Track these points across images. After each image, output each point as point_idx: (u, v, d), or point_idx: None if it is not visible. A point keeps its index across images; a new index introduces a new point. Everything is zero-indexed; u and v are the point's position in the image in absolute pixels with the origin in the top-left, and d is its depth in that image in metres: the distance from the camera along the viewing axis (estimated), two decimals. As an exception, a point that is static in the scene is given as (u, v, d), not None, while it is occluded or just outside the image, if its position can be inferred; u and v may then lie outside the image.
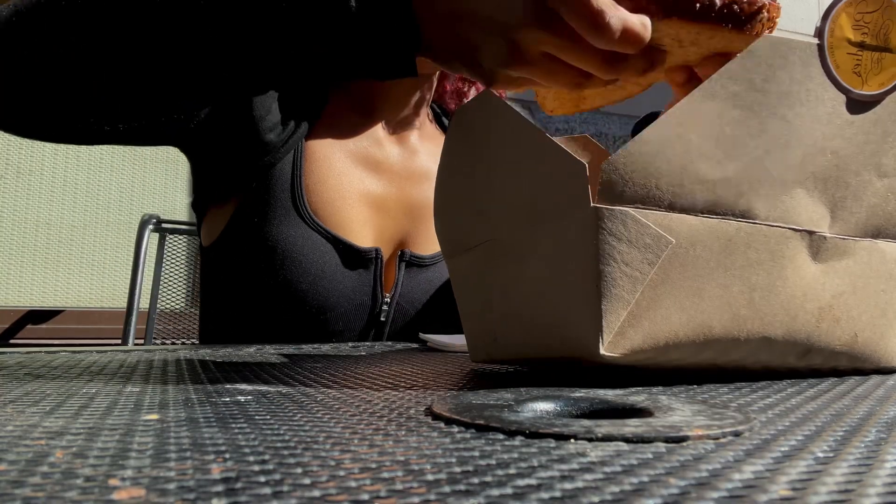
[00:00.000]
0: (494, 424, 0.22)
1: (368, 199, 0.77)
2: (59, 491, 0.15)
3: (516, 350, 0.39)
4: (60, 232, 1.74)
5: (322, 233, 0.72)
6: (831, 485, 0.16)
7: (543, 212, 0.35)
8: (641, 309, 0.32)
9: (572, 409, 0.27)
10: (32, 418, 0.24)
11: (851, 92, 0.34)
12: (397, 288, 0.76)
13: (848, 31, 0.34)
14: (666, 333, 0.33)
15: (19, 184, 1.87)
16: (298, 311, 0.71)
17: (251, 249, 0.71)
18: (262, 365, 0.45)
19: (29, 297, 1.79)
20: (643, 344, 0.32)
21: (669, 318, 0.33)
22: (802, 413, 0.27)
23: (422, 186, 0.81)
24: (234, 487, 0.15)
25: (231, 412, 0.26)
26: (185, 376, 0.38)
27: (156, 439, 0.21)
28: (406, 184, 0.80)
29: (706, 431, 0.22)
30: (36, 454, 0.19)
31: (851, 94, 0.34)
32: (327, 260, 0.71)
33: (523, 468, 0.17)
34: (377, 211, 0.77)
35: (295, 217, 0.71)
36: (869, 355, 0.39)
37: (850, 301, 0.37)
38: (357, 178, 0.77)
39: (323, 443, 0.20)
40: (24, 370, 0.40)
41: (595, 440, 0.21)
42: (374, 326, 0.75)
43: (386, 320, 0.75)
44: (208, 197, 0.78)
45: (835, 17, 0.34)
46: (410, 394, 0.31)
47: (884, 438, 0.22)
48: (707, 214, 0.33)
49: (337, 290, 0.71)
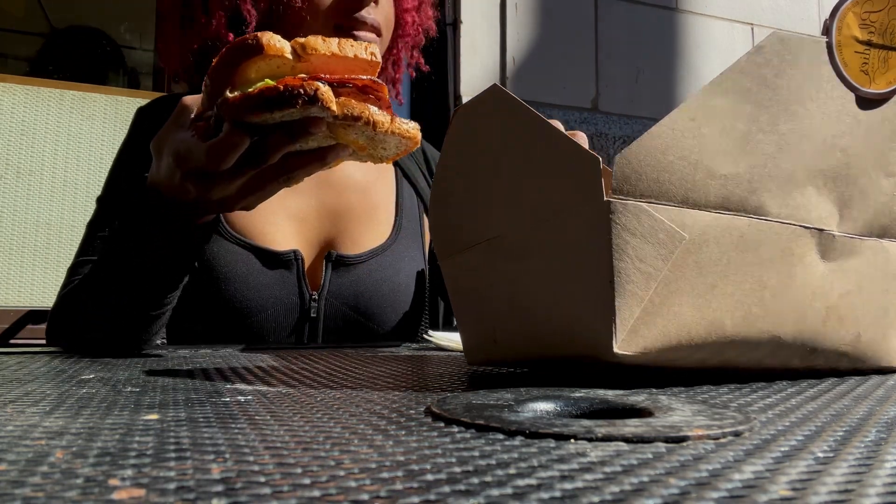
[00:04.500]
0: (494, 424, 0.22)
1: (288, 211, 0.83)
2: (59, 491, 0.15)
3: (519, 350, 0.39)
4: (60, 232, 1.74)
5: (241, 244, 0.79)
6: (831, 485, 0.16)
7: (554, 206, 0.34)
8: (655, 306, 0.31)
9: (572, 409, 0.27)
10: (32, 418, 0.24)
11: (859, 90, 0.34)
12: (325, 286, 0.81)
13: (855, 29, 0.34)
14: (679, 331, 0.32)
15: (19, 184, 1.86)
16: (233, 315, 0.77)
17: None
18: (261, 365, 0.45)
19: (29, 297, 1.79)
20: (657, 342, 0.32)
21: (682, 315, 0.32)
22: (802, 413, 0.27)
23: (344, 194, 0.87)
24: (234, 487, 0.15)
25: (231, 412, 0.26)
26: (185, 376, 0.38)
27: (156, 439, 0.21)
28: (326, 193, 0.86)
29: (706, 431, 0.21)
30: (36, 454, 0.19)
31: (859, 92, 0.34)
32: (249, 267, 0.78)
33: (523, 468, 0.17)
34: (299, 221, 0.84)
35: (214, 236, 0.78)
36: (870, 356, 0.39)
37: (855, 301, 0.36)
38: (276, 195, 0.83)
39: (323, 443, 0.20)
40: (24, 370, 0.40)
41: (595, 440, 0.21)
42: (307, 323, 0.80)
43: (318, 316, 0.80)
44: None
45: (842, 16, 0.34)
46: (410, 394, 0.31)
47: (884, 438, 0.22)
48: (719, 210, 0.32)
49: (263, 293, 0.78)
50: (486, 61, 2.80)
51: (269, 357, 0.51)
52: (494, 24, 2.82)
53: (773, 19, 3.17)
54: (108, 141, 1.70)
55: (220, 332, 0.78)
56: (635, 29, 2.84)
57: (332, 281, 0.81)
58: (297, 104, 0.45)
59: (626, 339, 0.31)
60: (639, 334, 0.31)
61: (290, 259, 0.80)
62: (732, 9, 3.07)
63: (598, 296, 0.32)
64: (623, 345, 0.31)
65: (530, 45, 2.82)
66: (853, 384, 0.36)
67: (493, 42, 2.82)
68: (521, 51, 2.82)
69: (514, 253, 0.38)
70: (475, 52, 2.39)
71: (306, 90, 0.45)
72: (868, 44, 0.34)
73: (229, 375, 0.39)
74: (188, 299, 0.78)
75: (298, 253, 0.80)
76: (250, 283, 0.77)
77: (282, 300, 0.79)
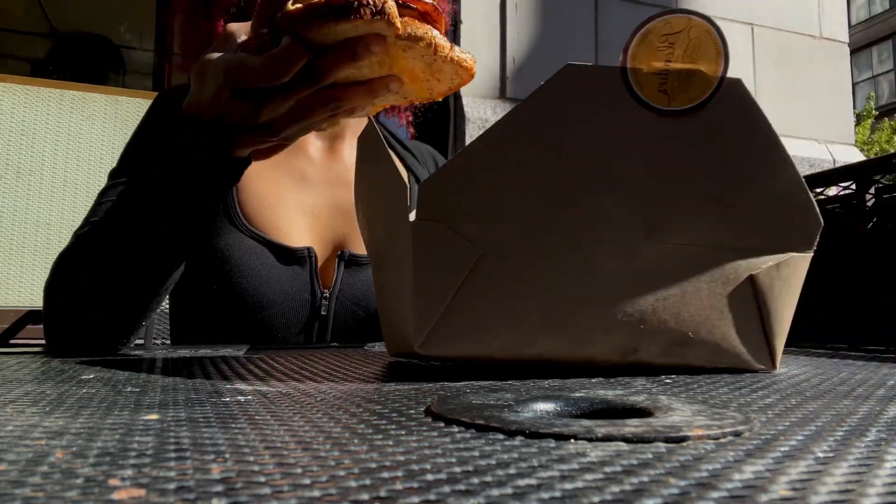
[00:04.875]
0: (494, 424, 0.22)
1: (301, 207, 0.84)
2: (59, 491, 0.15)
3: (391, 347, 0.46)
4: (60, 232, 1.74)
5: (256, 237, 0.78)
6: (831, 485, 0.16)
7: (392, 226, 0.40)
8: (453, 312, 0.36)
9: (572, 409, 0.27)
10: (32, 418, 0.24)
11: (659, 110, 0.36)
12: (336, 284, 0.81)
13: (653, 52, 0.36)
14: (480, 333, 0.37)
15: (19, 184, 1.87)
16: (244, 310, 0.76)
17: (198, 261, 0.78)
18: (261, 365, 0.45)
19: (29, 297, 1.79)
20: (456, 343, 0.37)
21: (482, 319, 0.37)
22: (802, 413, 0.27)
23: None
24: (234, 487, 0.15)
25: (231, 412, 0.26)
26: (185, 376, 0.38)
27: (156, 439, 0.21)
28: (338, 191, 0.87)
29: (706, 431, 0.22)
30: (36, 454, 0.19)
31: (659, 112, 0.36)
32: (263, 261, 0.78)
33: (523, 468, 0.17)
34: (312, 218, 0.84)
35: (228, 226, 0.78)
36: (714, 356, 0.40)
37: (677, 304, 0.38)
38: (289, 190, 0.84)
39: (323, 443, 0.20)
40: (24, 370, 0.40)
41: (595, 440, 0.21)
42: (317, 321, 0.80)
43: (328, 314, 0.80)
44: None
45: (639, 40, 0.36)
46: (410, 394, 0.31)
47: (884, 438, 0.22)
48: (520, 225, 0.36)
49: (275, 288, 0.77)
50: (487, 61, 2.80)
51: (269, 357, 0.52)
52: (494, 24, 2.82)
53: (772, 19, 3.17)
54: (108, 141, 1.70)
55: (229, 326, 0.77)
56: (635, 29, 2.84)
57: (343, 280, 0.81)
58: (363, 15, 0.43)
59: (427, 339, 0.37)
60: (440, 335, 0.36)
61: (304, 256, 0.79)
62: (732, 9, 3.07)
63: (409, 303, 0.37)
64: (424, 345, 0.37)
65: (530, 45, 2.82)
66: (853, 384, 0.36)
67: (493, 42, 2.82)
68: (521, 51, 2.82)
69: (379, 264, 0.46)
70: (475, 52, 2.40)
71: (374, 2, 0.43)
72: (667, 64, 0.36)
73: (229, 375, 0.39)
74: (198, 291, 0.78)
75: (312, 250, 0.80)
76: (263, 277, 0.77)
77: (293, 296, 0.78)
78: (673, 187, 0.37)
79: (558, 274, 0.37)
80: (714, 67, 0.35)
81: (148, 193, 0.58)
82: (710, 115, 0.36)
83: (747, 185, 0.37)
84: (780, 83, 3.14)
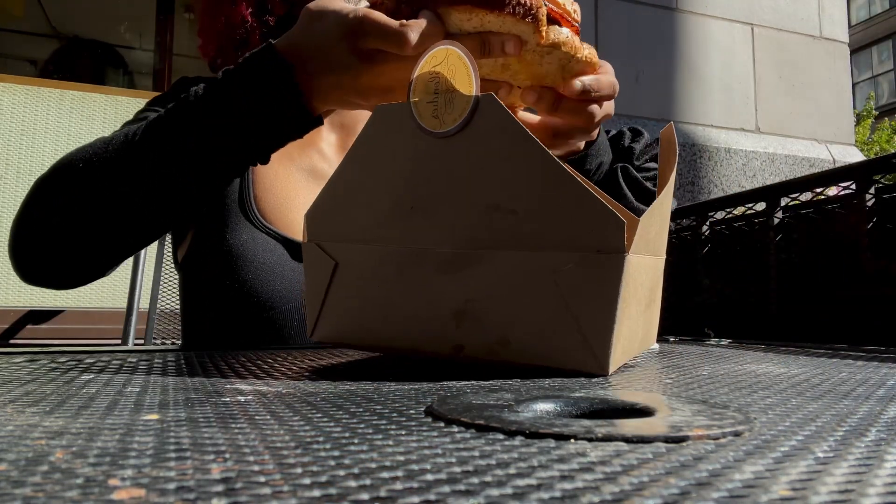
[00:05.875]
0: (494, 424, 0.22)
1: None
2: (59, 491, 0.15)
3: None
4: (60, 232, 1.73)
5: (270, 233, 0.78)
6: (831, 485, 0.16)
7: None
8: (328, 310, 0.46)
9: (572, 409, 0.27)
10: (32, 418, 0.24)
11: (434, 133, 0.41)
12: None
13: (424, 85, 0.41)
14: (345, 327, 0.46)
15: (19, 184, 1.86)
16: (257, 306, 0.76)
17: (213, 256, 0.78)
18: (261, 365, 0.45)
19: (29, 297, 1.79)
20: (333, 331, 0.46)
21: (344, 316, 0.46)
22: (802, 413, 0.27)
23: None
24: (234, 487, 0.15)
25: (231, 412, 0.26)
26: (185, 376, 0.38)
27: (156, 439, 0.21)
28: None
29: (706, 431, 0.22)
30: (36, 454, 0.19)
31: (435, 135, 0.41)
32: (276, 257, 0.77)
33: (523, 468, 0.17)
34: None
35: (244, 221, 0.78)
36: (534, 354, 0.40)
37: (487, 306, 0.41)
38: (303, 187, 0.84)
39: (323, 443, 0.20)
40: (24, 370, 0.40)
41: (595, 440, 0.21)
42: None
43: None
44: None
45: (416, 80, 0.41)
46: (410, 394, 0.31)
47: (884, 438, 0.22)
48: (367, 243, 0.44)
49: (288, 284, 0.77)
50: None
51: (269, 357, 0.52)
52: (494, 24, 2.81)
53: (772, 19, 3.17)
54: (108, 141, 1.69)
55: (241, 323, 0.77)
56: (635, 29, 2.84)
57: None
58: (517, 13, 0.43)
59: (316, 330, 0.47)
60: (321, 327, 0.47)
61: None
62: (732, 9, 3.08)
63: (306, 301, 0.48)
64: (316, 333, 0.47)
65: (530, 46, 2.81)
66: (854, 384, 0.36)
67: (493, 42, 2.81)
68: (521, 51, 2.81)
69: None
70: (475, 52, 2.38)
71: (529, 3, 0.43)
72: (435, 93, 0.41)
73: (229, 375, 0.39)
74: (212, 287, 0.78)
75: None
76: (277, 273, 0.76)
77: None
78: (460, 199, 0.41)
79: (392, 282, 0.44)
80: (469, 87, 0.40)
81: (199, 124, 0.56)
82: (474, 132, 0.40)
83: (523, 193, 0.40)
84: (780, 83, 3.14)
